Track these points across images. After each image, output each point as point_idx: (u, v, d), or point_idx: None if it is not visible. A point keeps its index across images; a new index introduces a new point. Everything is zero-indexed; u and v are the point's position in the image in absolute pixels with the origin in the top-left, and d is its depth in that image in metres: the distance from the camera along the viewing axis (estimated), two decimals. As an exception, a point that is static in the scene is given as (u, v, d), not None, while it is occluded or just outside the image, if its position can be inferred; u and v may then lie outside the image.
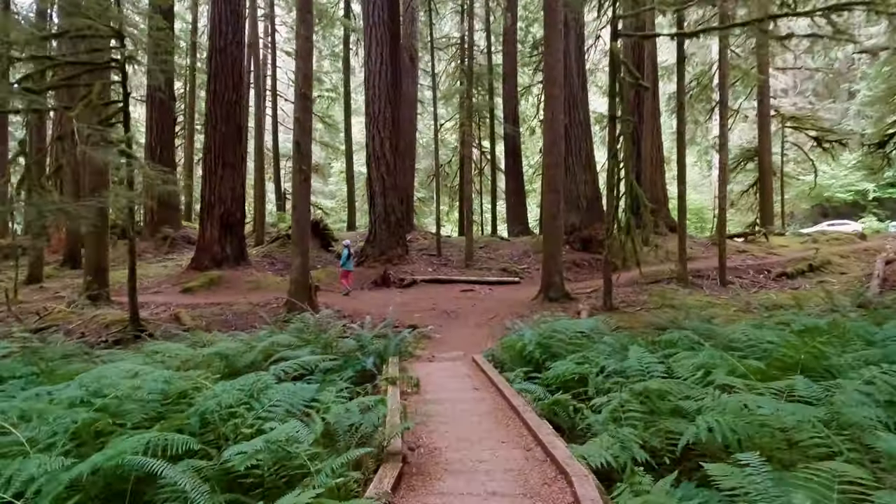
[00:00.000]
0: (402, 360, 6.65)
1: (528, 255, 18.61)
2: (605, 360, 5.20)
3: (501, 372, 5.78)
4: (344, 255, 14.20)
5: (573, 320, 7.09)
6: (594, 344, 5.89)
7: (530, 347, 5.70)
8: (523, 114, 29.62)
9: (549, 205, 12.05)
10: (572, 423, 4.19)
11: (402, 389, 5.09)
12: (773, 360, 4.76)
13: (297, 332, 7.16)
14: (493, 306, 11.73)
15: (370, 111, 16.82)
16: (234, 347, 5.79)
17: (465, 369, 6.15)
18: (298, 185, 10.21)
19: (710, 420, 3.45)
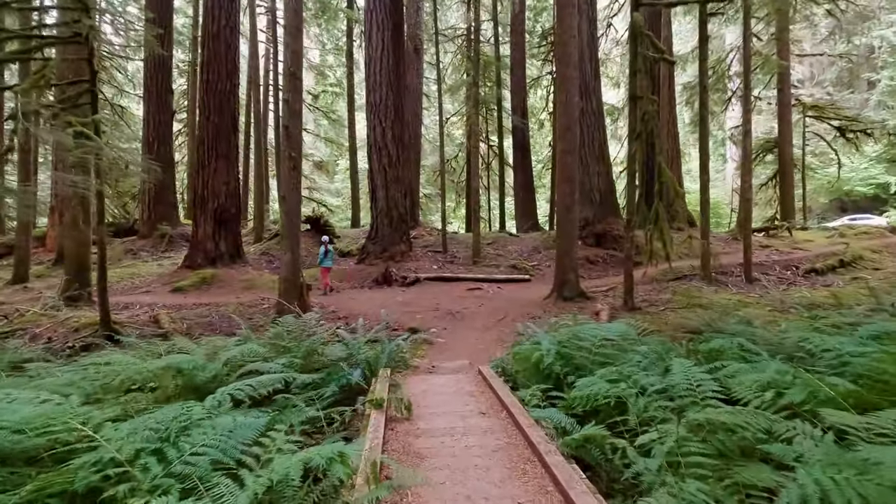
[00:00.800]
0: (396, 372, 5.60)
1: (538, 252, 17.48)
2: (644, 377, 4.09)
3: (514, 389, 4.70)
4: (321, 251, 13.15)
5: (596, 324, 5.97)
6: (625, 354, 4.78)
7: (549, 359, 4.60)
8: (532, 107, 28.44)
9: (562, 196, 10.92)
10: (611, 469, 3.09)
11: (391, 415, 4.03)
12: (868, 378, 3.63)
13: (277, 337, 6.11)
14: (502, 306, 10.63)
15: (371, 100, 15.76)
16: (189, 360, 4.74)
17: (469, 385, 5.07)
18: (287, 174, 9.17)
19: (821, 477, 2.35)
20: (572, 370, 4.74)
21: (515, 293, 12.56)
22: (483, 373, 5.14)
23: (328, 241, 13.38)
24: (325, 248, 13.05)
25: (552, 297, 10.81)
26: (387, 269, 13.49)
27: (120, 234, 22.25)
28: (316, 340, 5.91)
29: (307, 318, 6.73)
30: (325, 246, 13.08)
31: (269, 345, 5.96)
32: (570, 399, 4.08)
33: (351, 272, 14.36)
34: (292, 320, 6.50)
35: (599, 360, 4.65)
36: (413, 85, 24.58)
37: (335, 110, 32.33)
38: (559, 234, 11.01)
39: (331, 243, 13.26)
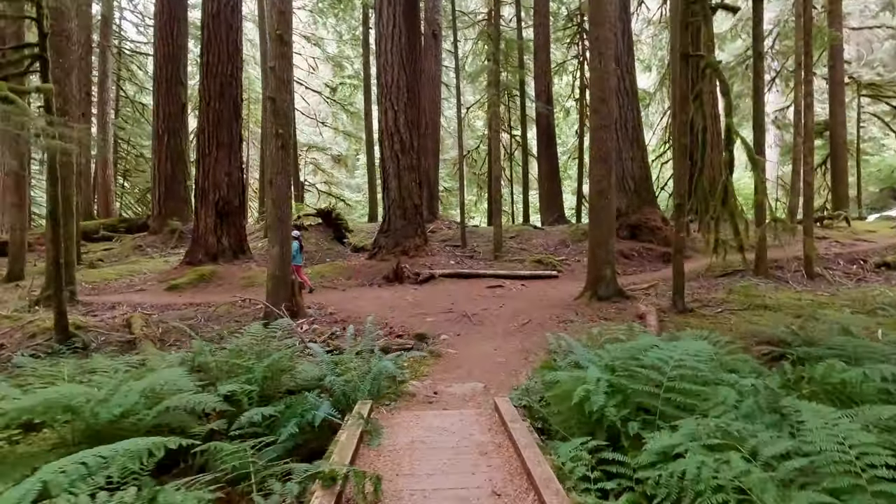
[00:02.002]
0: (382, 405, 4.09)
1: (565, 245, 15.76)
2: (762, 436, 2.46)
3: (545, 439, 3.15)
4: (294, 247, 11.17)
5: (653, 337, 4.30)
6: (713, 388, 3.14)
7: (598, 398, 2.99)
8: (557, 94, 26.55)
9: (596, 179, 9.23)
10: None
11: (348, 497, 2.50)
12: None
13: (236, 352, 4.64)
14: (526, 307, 9.02)
15: (382, 81, 14.25)
16: (83, 394, 3.30)
17: (481, 430, 3.45)
18: (275, 154, 7.73)
19: None
20: (632, 411, 3.13)
21: (541, 291, 10.92)
22: (501, 411, 3.55)
23: (300, 235, 11.34)
24: (299, 244, 10.99)
25: (585, 297, 9.14)
26: (398, 265, 11.99)
27: (132, 230, 21.33)
28: (282, 357, 4.41)
29: (280, 325, 5.26)
30: (299, 241, 10.97)
31: (223, 361, 4.49)
32: (635, 465, 2.49)
33: (360, 268, 12.92)
34: (258, 329, 5.03)
35: (675, 400, 3.03)
36: (431, 71, 23.01)
37: (353, 102, 30.97)
38: (593, 224, 9.33)
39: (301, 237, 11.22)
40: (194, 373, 4.75)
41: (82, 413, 3.33)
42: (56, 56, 10.28)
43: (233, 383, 4.08)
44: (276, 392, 4.40)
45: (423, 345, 6.91)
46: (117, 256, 17.78)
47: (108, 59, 27.68)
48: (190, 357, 4.73)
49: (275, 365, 4.38)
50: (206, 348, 4.96)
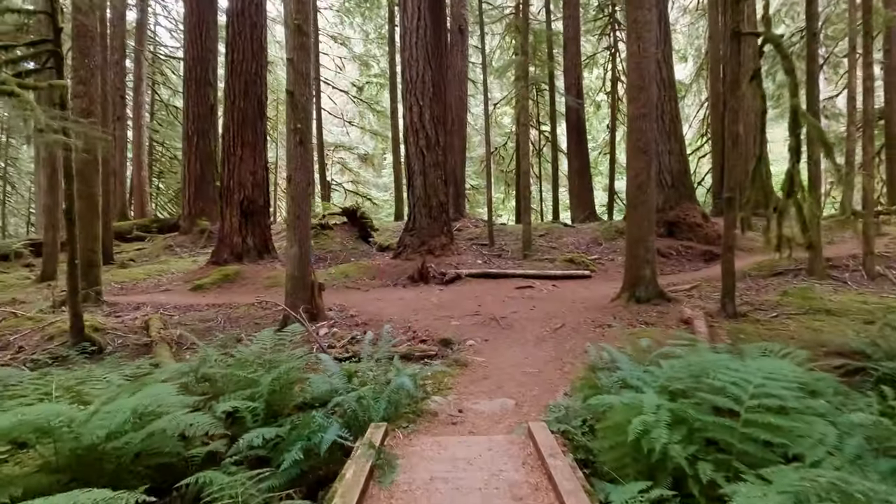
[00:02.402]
0: (399, 426, 3.58)
1: (597, 244, 15.00)
2: (884, 493, 1.84)
3: (589, 476, 2.59)
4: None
5: (721, 355, 3.65)
6: (803, 422, 2.51)
7: (661, 434, 2.38)
8: (587, 88, 25.64)
9: (634, 172, 8.52)
10: None
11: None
12: None
13: (242, 362, 4.21)
14: (558, 309, 8.39)
15: (407, 76, 13.78)
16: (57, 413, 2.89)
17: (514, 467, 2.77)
18: (294, 150, 7.33)
19: None
20: (700, 448, 2.53)
21: (574, 292, 10.26)
22: (537, 440, 2.97)
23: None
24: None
25: (622, 299, 8.46)
26: (423, 265, 11.50)
27: (164, 230, 21.53)
28: (291, 369, 3.96)
29: (293, 331, 4.82)
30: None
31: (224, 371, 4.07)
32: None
33: (384, 268, 12.49)
34: (268, 336, 4.60)
35: (756, 436, 2.42)
36: (457, 67, 22.45)
37: (379, 101, 30.69)
38: (630, 220, 8.62)
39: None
40: (201, 383, 4.37)
41: (61, 436, 2.93)
42: (81, 56, 10.20)
43: (235, 399, 3.64)
44: (284, 407, 3.95)
45: (447, 351, 6.39)
46: (148, 256, 17.88)
47: (143, 63, 28.13)
48: (195, 366, 4.32)
49: (283, 378, 3.93)
50: (213, 356, 4.55)
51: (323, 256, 14.92)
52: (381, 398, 3.61)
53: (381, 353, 5.07)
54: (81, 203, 10.17)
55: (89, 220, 10.02)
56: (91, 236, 10.11)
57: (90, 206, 10.03)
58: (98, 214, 10.19)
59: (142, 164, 28.23)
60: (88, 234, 10.09)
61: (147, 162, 31.28)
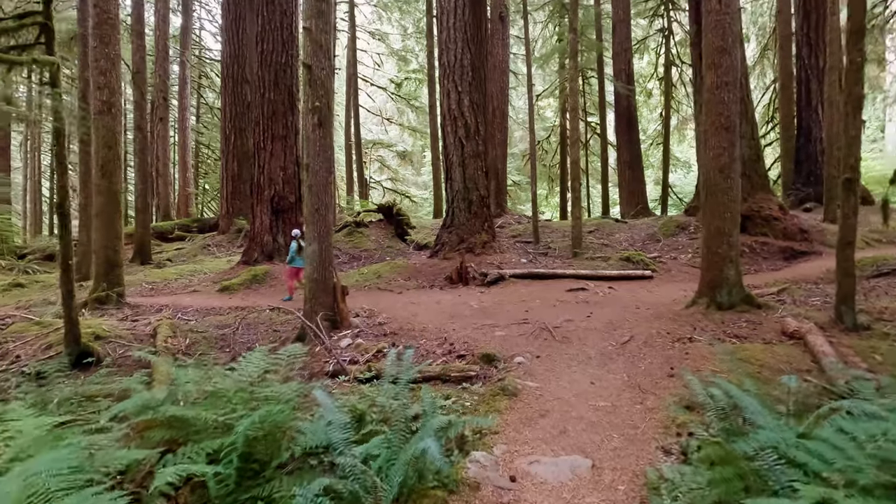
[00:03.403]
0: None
1: (655, 241, 13.38)
2: None
3: None
4: (292, 248, 9.81)
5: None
6: None
7: None
8: (637, 75, 23.71)
9: (716, 152, 7.01)
10: None
11: None
12: None
13: (218, 397, 3.12)
14: (622, 317, 7.00)
15: (444, 61, 12.60)
16: None
17: None
18: (312, 133, 6.28)
19: None
20: None
21: (635, 296, 8.80)
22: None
23: (300, 234, 9.87)
24: (298, 244, 9.69)
25: (699, 304, 6.97)
26: (461, 264, 10.30)
27: (204, 230, 21.26)
28: (275, 412, 2.83)
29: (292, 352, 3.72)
30: (298, 241, 9.71)
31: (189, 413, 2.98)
32: None
33: (420, 267, 11.37)
34: (258, 359, 3.50)
35: None
36: (499, 57, 21.12)
37: (418, 97, 29.67)
38: (710, 210, 7.11)
39: (300, 237, 9.70)
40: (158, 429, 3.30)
41: None
42: (101, 45, 9.55)
43: (195, 456, 2.54)
44: (267, 464, 2.82)
45: (491, 371, 5.16)
46: (186, 256, 17.49)
47: (187, 66, 28.22)
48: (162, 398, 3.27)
49: (266, 422, 2.81)
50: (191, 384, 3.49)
51: (357, 255, 13.96)
52: (398, 463, 2.43)
53: (409, 374, 3.90)
54: (101, 199, 9.56)
55: (110, 218, 9.36)
56: (112, 234, 9.43)
57: (111, 201, 9.36)
58: (120, 211, 9.51)
59: (187, 165, 28.34)
60: (109, 231, 9.43)
61: (194, 163, 31.57)
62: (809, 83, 16.71)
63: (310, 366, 5.54)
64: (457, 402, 4.15)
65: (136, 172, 16.55)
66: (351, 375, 5.08)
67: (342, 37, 28.17)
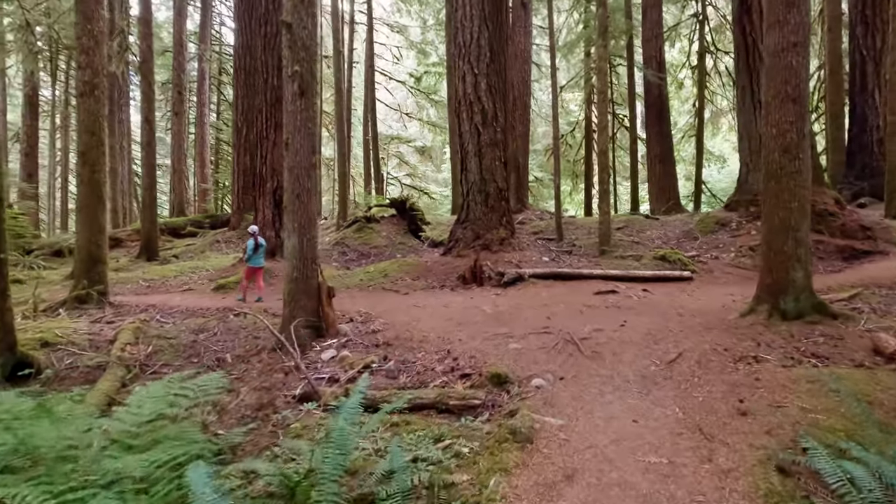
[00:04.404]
0: None
1: (692, 238, 11.98)
2: None
3: None
4: (249, 246, 9.16)
5: None
6: None
7: None
8: (668, 64, 22.12)
9: (780, 128, 5.70)
10: None
11: None
12: None
13: (54, 466, 2.05)
14: (663, 326, 5.76)
15: (459, 40, 11.45)
16: None
17: None
18: (292, 104, 5.23)
19: None
20: None
21: (675, 300, 7.51)
22: None
23: (257, 231, 9.40)
24: (255, 242, 9.11)
25: (759, 313, 5.67)
26: (476, 263, 9.15)
27: (216, 226, 20.59)
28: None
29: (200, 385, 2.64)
30: (255, 238, 9.13)
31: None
32: None
33: (431, 266, 10.27)
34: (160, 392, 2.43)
35: None
36: (521, 46, 19.91)
37: (438, 91, 28.58)
38: (773, 199, 5.80)
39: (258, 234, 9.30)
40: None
41: None
42: (84, 21, 8.70)
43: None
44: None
45: (500, 398, 4.01)
46: (193, 252, 16.77)
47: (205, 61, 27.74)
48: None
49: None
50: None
51: (366, 252, 12.94)
52: None
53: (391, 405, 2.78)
54: (84, 190, 8.74)
55: (93, 210, 8.52)
56: (95, 228, 8.60)
57: (93, 192, 8.52)
58: (103, 203, 8.66)
59: (204, 161, 27.86)
60: (92, 225, 8.59)
61: (214, 159, 31.15)
62: (864, 66, 15.00)
63: (277, 386, 4.49)
64: (450, 447, 3.02)
65: (143, 166, 15.89)
66: (323, 401, 4.00)
67: (360, 30, 27.31)
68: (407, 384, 4.40)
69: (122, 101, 24.62)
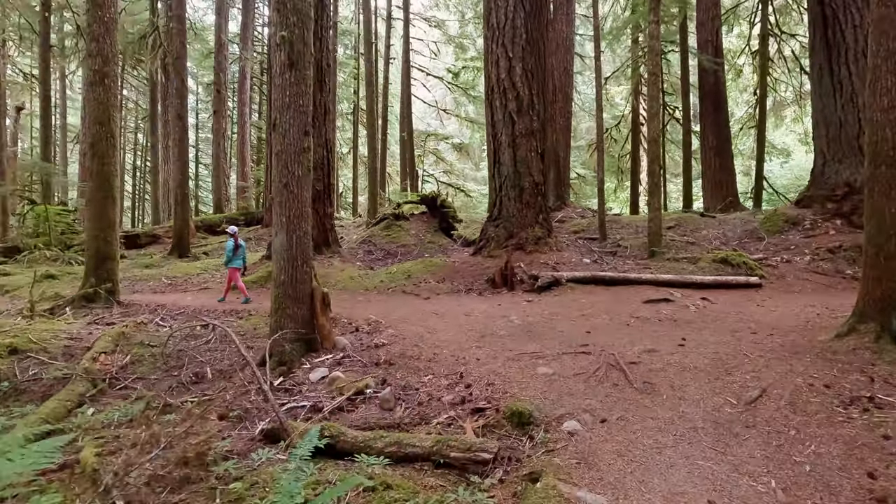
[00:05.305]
0: None
1: (756, 239, 10.47)
2: None
3: None
4: (228, 246, 8.76)
5: None
6: None
7: None
8: (726, 50, 20.21)
9: (893, 97, 4.38)
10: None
11: None
12: None
13: None
14: (735, 349, 4.56)
15: (492, 21, 10.41)
16: None
17: None
18: (278, 78, 4.40)
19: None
20: None
21: (745, 311, 6.22)
22: None
23: (236, 231, 8.97)
24: (235, 242, 8.73)
25: (863, 333, 4.38)
26: (507, 264, 8.10)
27: (251, 223, 20.43)
28: None
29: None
30: (235, 239, 8.73)
31: None
32: None
33: (459, 267, 9.29)
34: None
35: None
36: (563, 34, 18.56)
37: (475, 85, 27.53)
38: (879, 189, 4.49)
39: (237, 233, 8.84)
40: None
41: None
42: (95, 7, 8.25)
43: None
44: None
45: (521, 444, 3.01)
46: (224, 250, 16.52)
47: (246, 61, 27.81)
48: None
49: None
50: None
51: (393, 251, 12.12)
52: None
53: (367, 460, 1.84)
54: (92, 183, 8.28)
55: (101, 203, 8.04)
56: (104, 223, 8.12)
57: (102, 186, 8.04)
58: (113, 197, 8.18)
59: (245, 160, 27.96)
60: (101, 220, 8.12)
61: (255, 158, 31.32)
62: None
63: (253, 416, 3.64)
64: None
65: (175, 162, 15.71)
66: (291, 439, 3.11)
67: (397, 25, 26.64)
68: (404, 419, 3.45)
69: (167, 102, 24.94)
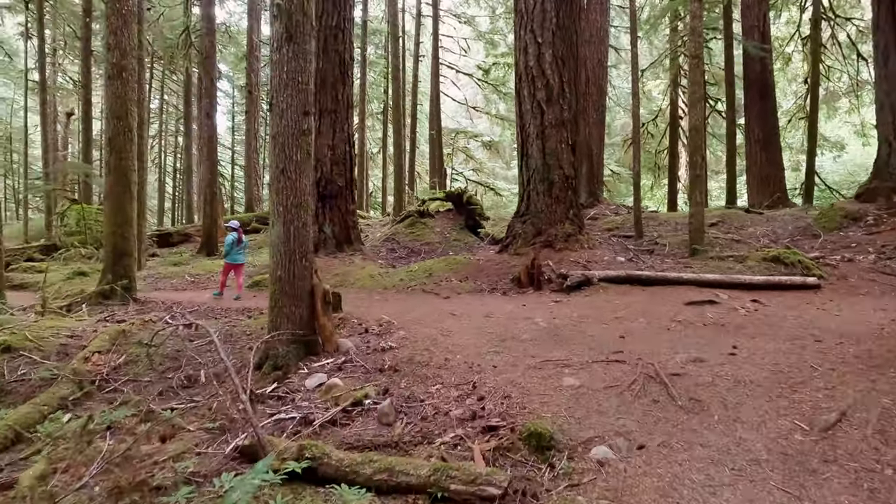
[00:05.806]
0: None
1: (810, 236, 9.51)
2: None
3: None
4: (228, 241, 8.56)
5: None
6: None
7: None
8: (774, 37, 18.89)
9: None
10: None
11: None
12: None
13: None
14: (799, 359, 3.85)
15: (520, 6, 9.81)
16: None
17: None
18: (275, 53, 3.98)
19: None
20: None
21: (805, 315, 5.44)
22: None
23: (238, 225, 8.76)
24: (239, 237, 8.56)
25: (961, 346, 3.62)
26: (533, 262, 7.51)
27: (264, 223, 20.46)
28: None
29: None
30: (238, 233, 8.55)
31: None
32: None
33: (483, 265, 8.75)
34: None
35: None
36: (597, 25, 17.72)
37: (506, 82, 26.88)
38: None
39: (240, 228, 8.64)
40: None
41: None
42: (113, 0, 8.15)
43: None
44: None
45: (539, 474, 2.47)
46: (252, 248, 16.49)
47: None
48: None
49: None
50: None
51: (417, 249, 11.68)
52: None
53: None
54: (110, 178, 8.15)
55: (119, 199, 7.91)
56: (122, 219, 7.98)
57: (120, 181, 7.90)
58: (131, 193, 8.04)
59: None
60: (118, 216, 7.98)
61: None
62: None
63: (238, 428, 3.22)
64: None
65: (204, 162, 15.76)
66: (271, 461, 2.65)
67: (427, 22, 26.27)
68: (403, 436, 2.96)
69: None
